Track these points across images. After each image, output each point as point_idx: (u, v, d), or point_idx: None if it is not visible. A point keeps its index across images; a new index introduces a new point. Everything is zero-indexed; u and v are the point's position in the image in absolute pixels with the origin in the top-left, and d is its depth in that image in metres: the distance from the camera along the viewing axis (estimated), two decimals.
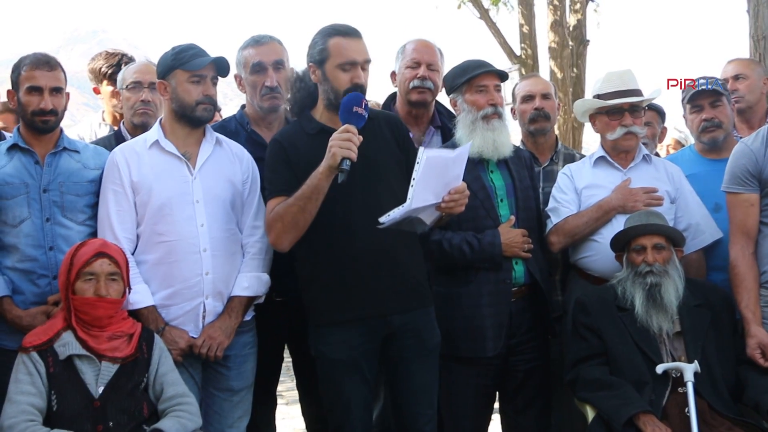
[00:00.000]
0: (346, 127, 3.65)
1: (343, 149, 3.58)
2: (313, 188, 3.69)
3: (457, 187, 3.72)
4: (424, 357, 4.00)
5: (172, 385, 3.76)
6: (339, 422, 3.97)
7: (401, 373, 4.00)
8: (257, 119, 4.56)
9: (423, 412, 4.01)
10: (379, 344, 3.95)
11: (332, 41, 3.86)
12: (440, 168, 3.59)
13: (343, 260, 3.85)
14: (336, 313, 3.90)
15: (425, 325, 4.00)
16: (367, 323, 3.88)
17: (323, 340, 3.94)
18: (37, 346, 3.59)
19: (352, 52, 3.84)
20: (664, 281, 4.13)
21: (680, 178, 4.62)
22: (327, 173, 3.64)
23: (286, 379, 5.91)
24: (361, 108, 3.70)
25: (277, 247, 3.92)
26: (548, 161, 5.03)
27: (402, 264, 3.92)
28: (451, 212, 3.80)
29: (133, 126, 4.82)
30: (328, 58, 3.86)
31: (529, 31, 14.28)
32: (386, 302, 3.88)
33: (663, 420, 3.87)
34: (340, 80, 3.84)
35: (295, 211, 3.75)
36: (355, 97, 3.72)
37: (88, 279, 3.66)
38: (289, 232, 3.81)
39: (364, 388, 3.94)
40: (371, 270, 3.85)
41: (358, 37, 3.90)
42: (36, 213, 3.92)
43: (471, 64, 4.41)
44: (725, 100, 4.91)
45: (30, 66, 3.97)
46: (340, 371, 3.90)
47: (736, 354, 4.12)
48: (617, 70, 4.70)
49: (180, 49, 4.06)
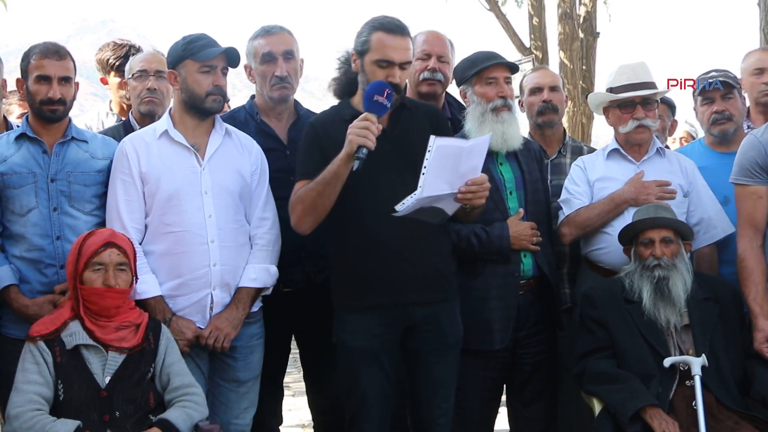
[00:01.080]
0: (365, 115, 3.65)
1: (360, 137, 3.58)
2: (332, 174, 3.70)
3: (475, 179, 3.69)
4: (444, 351, 3.99)
5: (178, 375, 3.76)
6: (354, 411, 3.98)
7: (420, 365, 4.00)
8: (267, 110, 4.55)
9: (439, 405, 4.02)
10: (400, 335, 3.94)
11: (375, 36, 3.85)
12: (453, 157, 3.57)
13: (368, 247, 3.85)
14: (356, 299, 3.90)
15: (447, 319, 3.99)
16: (388, 313, 3.87)
17: (344, 327, 3.95)
18: (45, 335, 3.60)
19: (391, 51, 3.82)
20: (672, 275, 4.12)
21: (694, 172, 4.60)
22: (345, 160, 3.65)
23: (293, 371, 5.92)
24: (383, 97, 3.68)
25: (298, 229, 3.93)
26: (556, 154, 5.02)
27: (427, 255, 3.91)
28: (471, 204, 3.76)
29: (140, 115, 4.83)
30: (368, 51, 3.85)
31: (539, 23, 14.23)
32: (407, 292, 3.87)
33: (670, 413, 3.87)
34: (376, 76, 3.82)
35: (314, 195, 3.76)
36: (379, 86, 3.71)
37: (96, 269, 3.66)
38: (308, 215, 3.83)
39: (383, 379, 3.93)
40: (394, 259, 3.84)
41: (402, 35, 3.86)
42: (43, 202, 3.92)
43: (481, 55, 4.40)
44: (737, 93, 4.89)
45: (39, 55, 3.96)
46: (358, 359, 3.90)
47: (743, 348, 4.12)
48: (630, 63, 4.68)
49: (190, 39, 4.05)
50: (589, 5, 13.82)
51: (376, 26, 3.87)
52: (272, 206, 4.20)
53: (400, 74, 3.84)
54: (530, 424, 4.53)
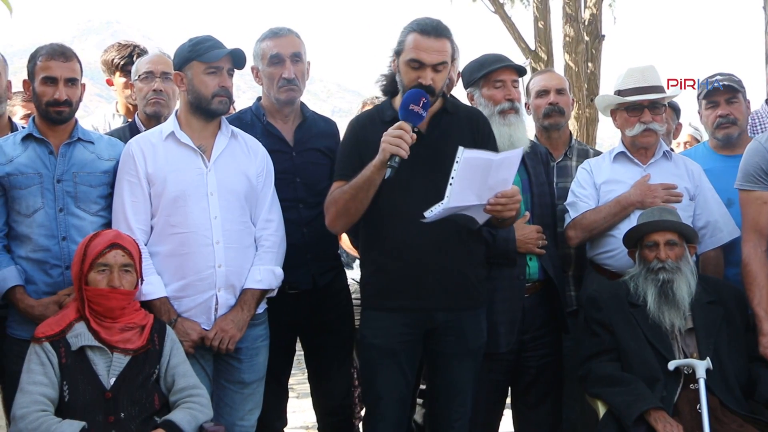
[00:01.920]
0: (400, 124, 3.65)
1: (393, 146, 3.58)
2: (365, 179, 3.71)
3: (506, 191, 3.65)
4: (464, 356, 3.99)
5: (183, 376, 3.76)
6: (370, 408, 4.00)
7: (439, 368, 4.01)
8: (273, 111, 4.55)
9: (456, 409, 4.02)
10: (421, 337, 3.94)
11: (410, 36, 3.84)
12: (481, 169, 3.55)
13: (397, 249, 3.86)
14: (380, 299, 3.92)
15: (470, 327, 3.98)
16: (410, 314, 3.88)
17: (367, 324, 3.98)
18: (50, 336, 3.60)
19: (422, 53, 3.79)
20: (677, 278, 4.12)
21: (700, 176, 4.61)
22: (378, 167, 3.66)
23: (297, 372, 5.91)
24: (419, 106, 3.68)
25: (331, 229, 3.97)
26: (562, 156, 5.03)
27: (453, 261, 3.90)
28: (500, 216, 3.72)
29: (146, 116, 4.84)
30: (403, 51, 3.85)
31: (544, 25, 14.21)
32: (431, 298, 3.87)
33: (674, 416, 3.87)
34: (408, 76, 3.82)
35: (347, 198, 3.78)
36: (415, 94, 3.70)
37: (101, 270, 3.67)
38: (341, 217, 3.86)
39: (400, 379, 3.93)
40: (421, 263, 3.84)
41: (437, 37, 3.82)
42: (49, 203, 3.92)
43: (489, 58, 4.40)
44: (741, 96, 4.90)
45: (45, 56, 3.97)
46: (376, 357, 3.92)
47: (747, 351, 4.12)
48: (639, 66, 4.68)
49: (197, 41, 4.06)
50: (594, 8, 13.80)
51: (413, 27, 3.86)
52: (278, 208, 4.20)
53: (432, 76, 3.81)
54: (535, 426, 4.54)
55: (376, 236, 3.94)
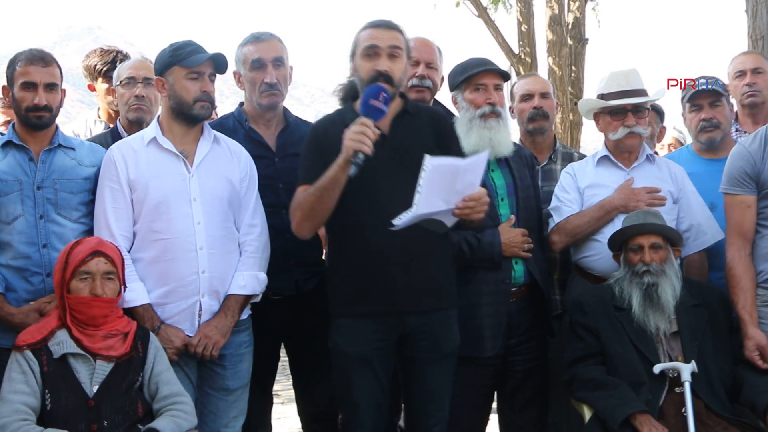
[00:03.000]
0: (361, 120, 3.62)
1: (356, 142, 3.55)
2: (329, 179, 3.68)
3: (473, 195, 3.65)
4: (439, 359, 3.97)
5: (167, 384, 3.74)
6: (347, 417, 3.97)
7: (414, 373, 3.99)
8: (255, 116, 4.54)
9: (432, 413, 4.01)
10: (394, 342, 3.92)
11: (361, 33, 3.87)
12: (449, 175, 3.54)
13: (365, 254, 3.83)
14: (351, 306, 3.89)
15: (443, 329, 3.96)
16: (382, 320, 3.86)
17: (339, 332, 3.93)
18: (31, 344, 3.57)
19: (374, 39, 3.82)
20: (661, 281, 4.12)
21: (683, 179, 4.61)
22: (342, 166, 3.62)
23: (282, 378, 5.90)
24: (378, 101, 3.65)
25: (298, 234, 3.91)
26: (547, 160, 5.03)
27: (424, 265, 3.88)
28: (469, 218, 3.72)
29: (128, 122, 4.81)
30: (356, 48, 3.87)
31: (528, 29, 14.24)
32: (402, 302, 3.85)
33: (660, 420, 3.87)
34: (364, 69, 3.82)
35: (313, 201, 3.74)
36: (374, 89, 3.68)
37: (83, 278, 3.64)
38: (307, 220, 3.82)
39: (375, 386, 3.91)
40: (390, 267, 3.82)
41: (386, 27, 3.87)
42: (29, 210, 3.89)
43: (472, 62, 4.40)
44: (725, 100, 4.93)
45: (25, 62, 3.94)
46: (351, 365, 3.89)
47: (732, 354, 4.12)
48: (622, 70, 4.68)
49: (178, 46, 4.05)
50: (577, 12, 13.85)
51: (363, 26, 3.90)
52: (261, 213, 4.19)
53: (389, 63, 3.82)
54: (521, 431, 4.53)
55: (343, 242, 3.91)
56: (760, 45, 6.84)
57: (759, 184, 4.20)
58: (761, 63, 5.28)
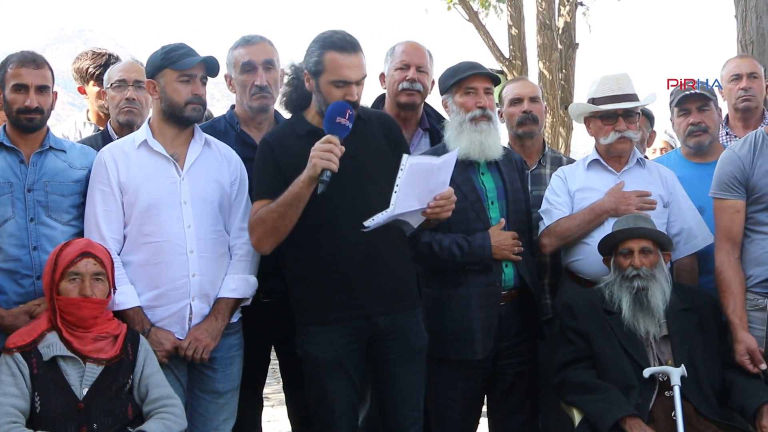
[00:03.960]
0: (328, 137, 3.63)
1: (324, 160, 3.57)
2: (293, 196, 3.69)
3: (443, 193, 3.70)
4: (410, 358, 4.00)
5: (157, 387, 3.73)
6: (324, 423, 3.97)
7: (386, 374, 4.00)
8: (247, 119, 4.54)
9: (408, 413, 4.02)
10: (365, 345, 3.95)
11: (328, 55, 3.82)
12: (424, 174, 3.59)
13: (329, 261, 3.86)
14: (320, 313, 3.90)
15: (411, 327, 4.00)
16: (352, 324, 3.88)
17: (308, 340, 3.94)
18: (21, 347, 3.56)
19: (346, 71, 3.80)
20: (651, 285, 4.13)
21: (674, 183, 4.62)
22: (308, 182, 3.64)
23: (272, 381, 5.90)
24: (345, 119, 3.68)
25: (258, 250, 3.95)
26: (536, 165, 5.02)
27: (388, 266, 3.92)
28: (438, 218, 3.78)
29: (119, 125, 4.80)
30: (323, 72, 3.83)
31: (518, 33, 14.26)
32: (371, 304, 3.88)
33: (649, 424, 3.88)
34: (333, 95, 3.81)
35: (276, 217, 3.75)
36: (340, 106, 3.70)
37: (72, 279, 3.63)
38: (269, 236, 3.83)
39: (350, 389, 3.94)
40: (356, 272, 3.85)
41: (354, 52, 3.84)
42: (20, 213, 3.88)
43: (462, 65, 4.41)
44: (713, 105, 4.93)
45: (16, 64, 3.93)
46: (324, 371, 3.90)
47: (722, 357, 4.13)
48: (613, 74, 4.68)
49: (169, 49, 4.04)
50: (568, 16, 13.88)
51: (328, 45, 3.84)
52: None
53: (357, 91, 3.83)
54: None
55: (305, 250, 3.91)
56: (749, 50, 6.86)
57: (748, 189, 4.21)
58: (756, 68, 5.30)
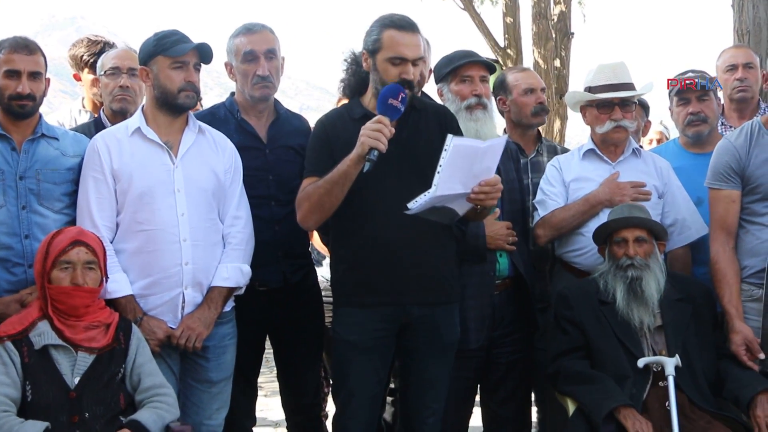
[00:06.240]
0: (379, 117, 3.64)
1: (372, 139, 3.58)
2: (341, 174, 3.70)
3: (489, 180, 3.67)
4: (439, 351, 4.00)
5: (149, 375, 3.72)
6: (341, 406, 4.00)
7: (413, 363, 4.01)
8: (247, 108, 4.51)
9: (428, 404, 4.03)
10: (395, 333, 3.94)
11: (386, 33, 3.83)
12: (469, 157, 3.56)
13: (369, 246, 3.86)
14: (355, 295, 3.91)
15: (444, 322, 3.99)
16: (385, 310, 3.88)
17: (340, 321, 3.97)
18: (12, 335, 3.54)
19: (403, 48, 3.80)
20: (645, 275, 4.12)
21: (669, 173, 4.62)
22: (356, 161, 3.65)
23: (266, 371, 5.88)
24: (397, 101, 3.68)
25: (303, 225, 3.96)
26: (534, 152, 5.03)
27: (428, 257, 3.91)
28: (482, 204, 3.74)
29: (112, 112, 4.77)
30: (380, 49, 3.83)
31: (513, 22, 14.25)
32: (406, 293, 3.88)
33: (643, 414, 3.88)
34: (389, 73, 3.81)
35: (322, 193, 3.77)
36: (394, 88, 3.71)
37: (64, 267, 3.61)
38: (314, 212, 3.84)
39: (373, 377, 3.95)
40: (395, 259, 3.84)
41: (413, 31, 3.85)
42: (11, 200, 3.85)
43: (457, 54, 4.42)
44: (712, 94, 4.92)
45: (8, 50, 3.89)
46: (350, 353, 3.92)
47: (716, 348, 4.13)
48: (610, 63, 4.68)
49: (162, 35, 4.01)
50: (563, 5, 13.87)
51: (386, 23, 3.86)
52: (246, 205, 4.17)
53: (413, 71, 3.83)
54: (504, 423, 4.55)
55: (349, 233, 3.92)
56: (746, 39, 6.84)
57: (744, 179, 4.20)
58: (752, 58, 5.29)
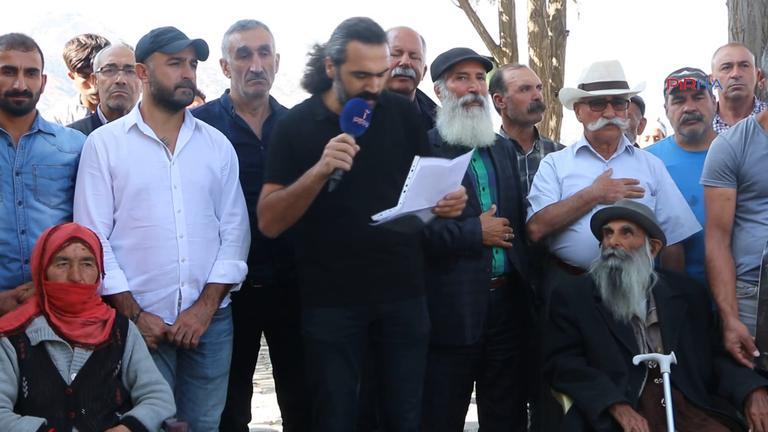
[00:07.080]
0: (343, 136, 3.62)
1: (337, 160, 3.57)
2: (304, 188, 3.70)
3: (454, 193, 3.70)
4: (411, 345, 4.01)
5: (146, 372, 3.72)
6: (320, 405, 3.98)
7: (387, 359, 4.02)
8: (242, 104, 4.51)
9: (406, 399, 4.04)
10: (366, 329, 3.95)
11: (352, 45, 3.74)
12: (435, 176, 3.58)
13: (337, 246, 3.86)
14: (323, 295, 3.91)
15: (414, 315, 4.01)
16: (354, 307, 3.89)
17: (311, 320, 3.96)
18: (9, 331, 3.54)
19: (369, 62, 3.74)
20: (625, 265, 4.10)
21: (662, 171, 4.62)
22: (319, 177, 3.64)
23: (261, 368, 5.89)
24: (362, 118, 3.66)
25: (266, 233, 3.94)
26: (531, 149, 5.05)
27: (395, 255, 3.91)
28: (447, 216, 3.78)
29: (109, 109, 4.77)
30: (345, 61, 3.76)
31: (509, 20, 14.28)
32: (375, 291, 3.89)
33: (639, 411, 3.88)
34: (353, 86, 3.76)
35: (285, 206, 3.77)
36: (358, 104, 3.67)
37: (61, 264, 3.61)
38: (277, 222, 3.85)
39: (348, 374, 3.94)
40: (363, 258, 3.85)
41: (379, 43, 3.76)
42: (8, 196, 3.85)
43: (454, 51, 4.41)
44: (707, 93, 4.92)
45: (5, 46, 3.88)
46: (324, 352, 3.91)
47: (711, 345, 4.14)
48: (604, 61, 4.68)
49: (159, 32, 4.01)
50: (558, 3, 13.90)
51: (352, 34, 3.76)
52: (242, 202, 4.17)
53: (378, 82, 3.79)
54: (500, 420, 4.54)
55: (315, 233, 3.92)
56: (740, 38, 6.84)
57: (739, 177, 4.20)
58: (747, 56, 5.30)
